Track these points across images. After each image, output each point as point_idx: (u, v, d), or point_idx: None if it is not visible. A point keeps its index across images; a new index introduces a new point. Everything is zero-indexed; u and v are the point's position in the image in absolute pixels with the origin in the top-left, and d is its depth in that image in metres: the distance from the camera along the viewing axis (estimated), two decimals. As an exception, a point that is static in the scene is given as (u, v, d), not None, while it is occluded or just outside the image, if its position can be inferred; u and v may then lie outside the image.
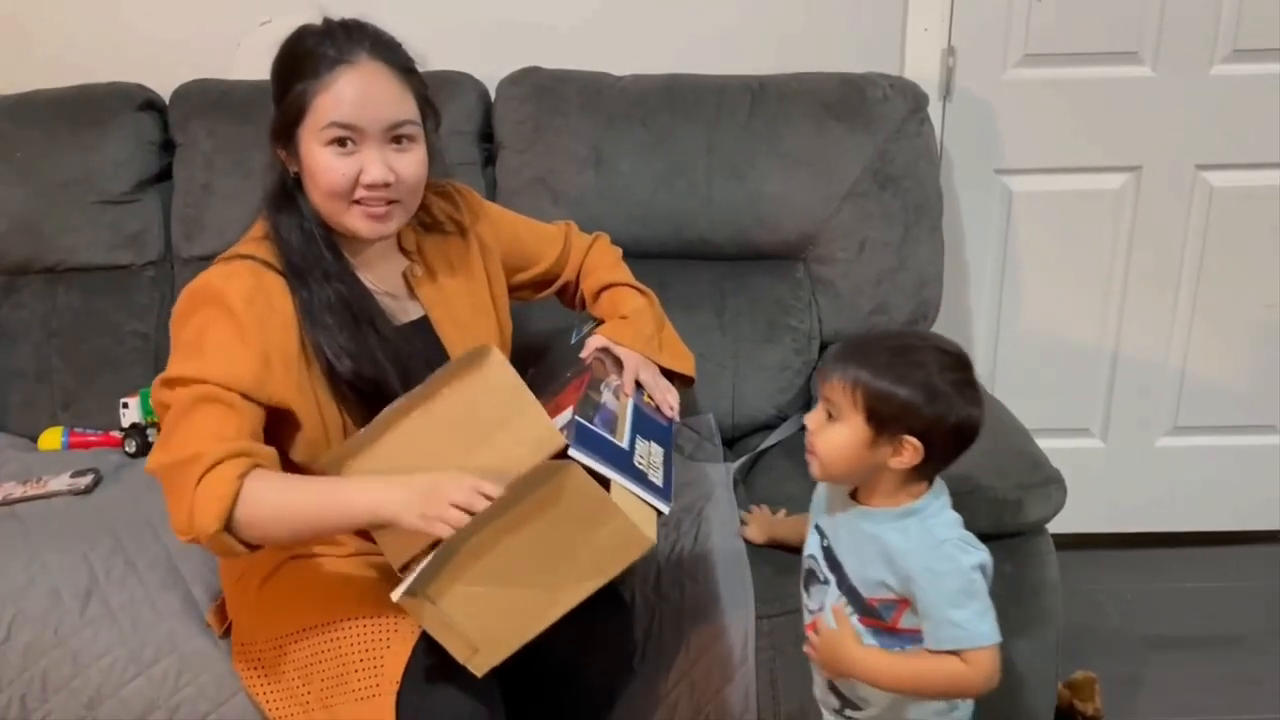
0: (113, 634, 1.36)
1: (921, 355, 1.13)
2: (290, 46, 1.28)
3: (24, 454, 1.77)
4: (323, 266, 1.28)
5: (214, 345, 1.19)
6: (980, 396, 1.15)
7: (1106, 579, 2.19)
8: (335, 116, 1.22)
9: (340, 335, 1.25)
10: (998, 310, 2.19)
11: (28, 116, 1.85)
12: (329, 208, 1.27)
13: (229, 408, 1.17)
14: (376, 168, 1.24)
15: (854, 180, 1.83)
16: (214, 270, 1.26)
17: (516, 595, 1.09)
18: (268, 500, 1.13)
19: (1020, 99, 2.05)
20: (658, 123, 1.84)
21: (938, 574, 1.12)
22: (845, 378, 1.14)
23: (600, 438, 1.17)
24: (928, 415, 1.11)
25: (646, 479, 1.17)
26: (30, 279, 1.85)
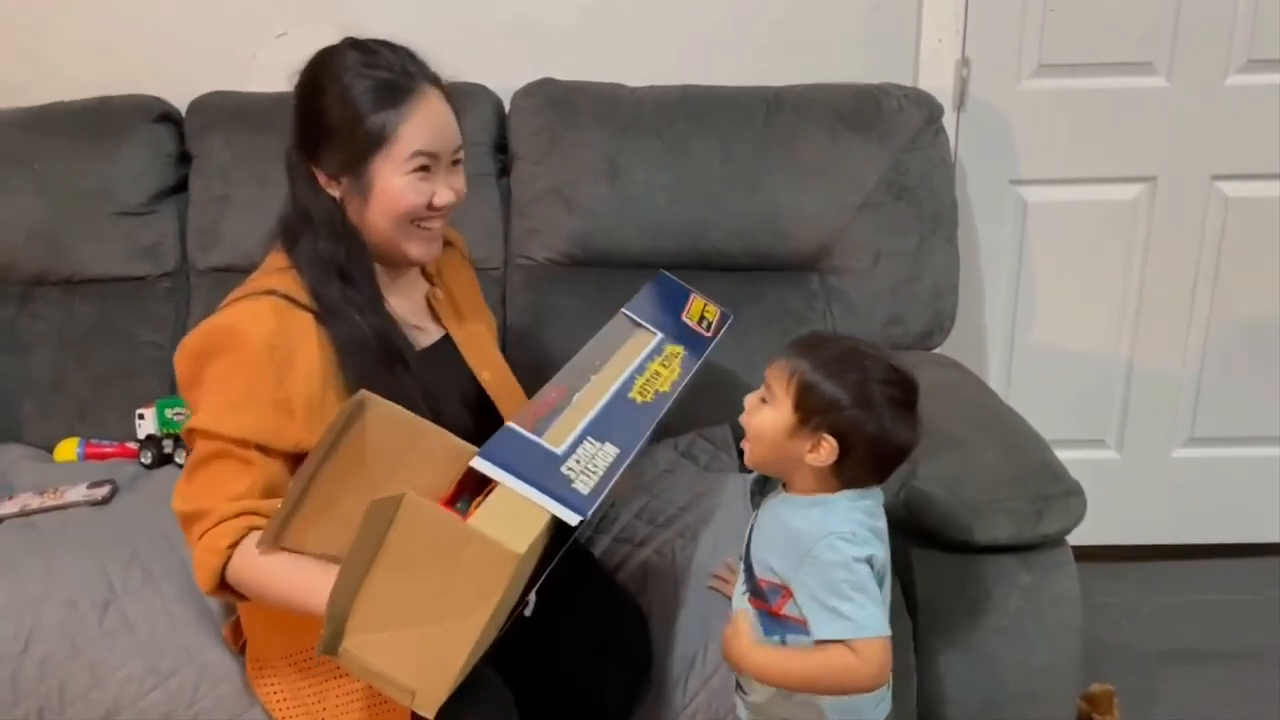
0: (130, 645, 1.36)
1: (867, 363, 1.13)
2: (337, 72, 1.25)
3: (40, 465, 1.77)
4: (358, 300, 1.26)
5: (232, 398, 1.19)
6: (915, 422, 1.14)
7: (1122, 591, 2.18)
8: (421, 145, 1.24)
9: (376, 373, 1.23)
10: (1012, 321, 2.18)
11: (46, 128, 1.86)
12: (395, 233, 1.27)
13: (244, 464, 1.18)
14: (448, 191, 1.28)
15: (869, 191, 1.83)
16: (239, 309, 1.23)
17: (422, 633, 1.06)
18: (255, 572, 1.15)
19: (1034, 109, 2.05)
20: (672, 134, 1.84)
21: (821, 563, 1.11)
22: (787, 363, 1.15)
23: (524, 443, 1.13)
24: (849, 417, 1.11)
25: (564, 487, 1.11)
26: (47, 290, 1.86)
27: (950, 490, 1.39)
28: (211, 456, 1.19)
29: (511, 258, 1.90)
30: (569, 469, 1.12)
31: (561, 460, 1.12)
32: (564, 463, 1.12)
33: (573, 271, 1.89)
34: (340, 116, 1.24)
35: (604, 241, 1.87)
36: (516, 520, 1.05)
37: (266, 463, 1.19)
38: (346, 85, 1.24)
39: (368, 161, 1.24)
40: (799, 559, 1.13)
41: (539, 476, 1.09)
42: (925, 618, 1.41)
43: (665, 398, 1.32)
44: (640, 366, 1.34)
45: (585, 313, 1.85)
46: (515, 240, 1.90)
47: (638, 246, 1.86)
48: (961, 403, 1.61)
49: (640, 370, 1.34)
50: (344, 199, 1.27)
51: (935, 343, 1.92)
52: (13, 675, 1.34)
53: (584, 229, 1.87)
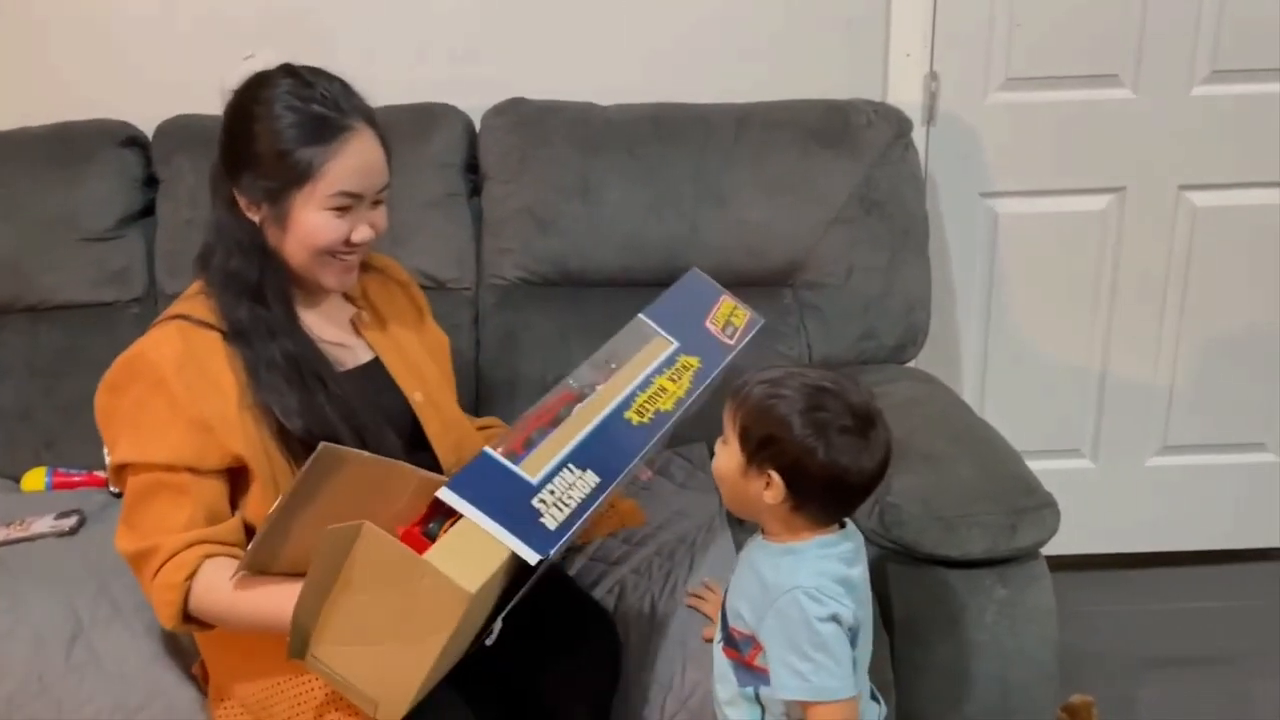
0: (98, 681, 1.33)
1: (809, 392, 1.08)
2: (269, 101, 1.24)
3: (6, 495, 1.74)
4: (269, 324, 1.26)
5: (150, 425, 1.19)
6: (867, 447, 1.08)
7: (1099, 600, 2.18)
8: (345, 186, 1.24)
9: (289, 394, 1.24)
10: (985, 333, 2.19)
11: (9, 153, 1.84)
12: (310, 263, 1.28)
13: (179, 492, 1.18)
14: (366, 228, 1.28)
15: (840, 206, 1.84)
16: (146, 338, 1.25)
17: (384, 650, 1.07)
18: (215, 600, 1.15)
19: (1003, 122, 2.06)
20: (644, 152, 1.84)
21: (784, 618, 1.09)
22: (731, 401, 1.13)
23: (498, 472, 1.11)
24: (790, 450, 1.07)
25: (530, 523, 1.09)
26: (13, 317, 1.83)
27: (924, 505, 1.39)
28: (146, 491, 1.19)
29: (484, 278, 1.89)
30: (540, 501, 1.10)
31: (534, 491, 1.10)
32: (537, 494, 1.10)
33: (546, 291, 1.88)
34: (267, 146, 1.23)
35: (577, 261, 1.87)
36: (476, 554, 1.04)
37: (200, 484, 1.19)
38: (277, 115, 1.24)
39: (289, 194, 1.24)
40: (764, 610, 1.10)
41: (505, 510, 1.07)
42: (901, 633, 1.41)
43: (666, 417, 1.29)
44: (646, 381, 1.30)
45: (558, 332, 1.85)
46: (487, 260, 1.90)
47: (611, 265, 1.86)
48: (935, 417, 1.61)
49: (645, 385, 1.30)
50: (263, 223, 1.27)
51: (908, 356, 1.92)
52: (-22, 713, 1.32)
53: (556, 248, 1.86)
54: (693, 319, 1.41)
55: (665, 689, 1.35)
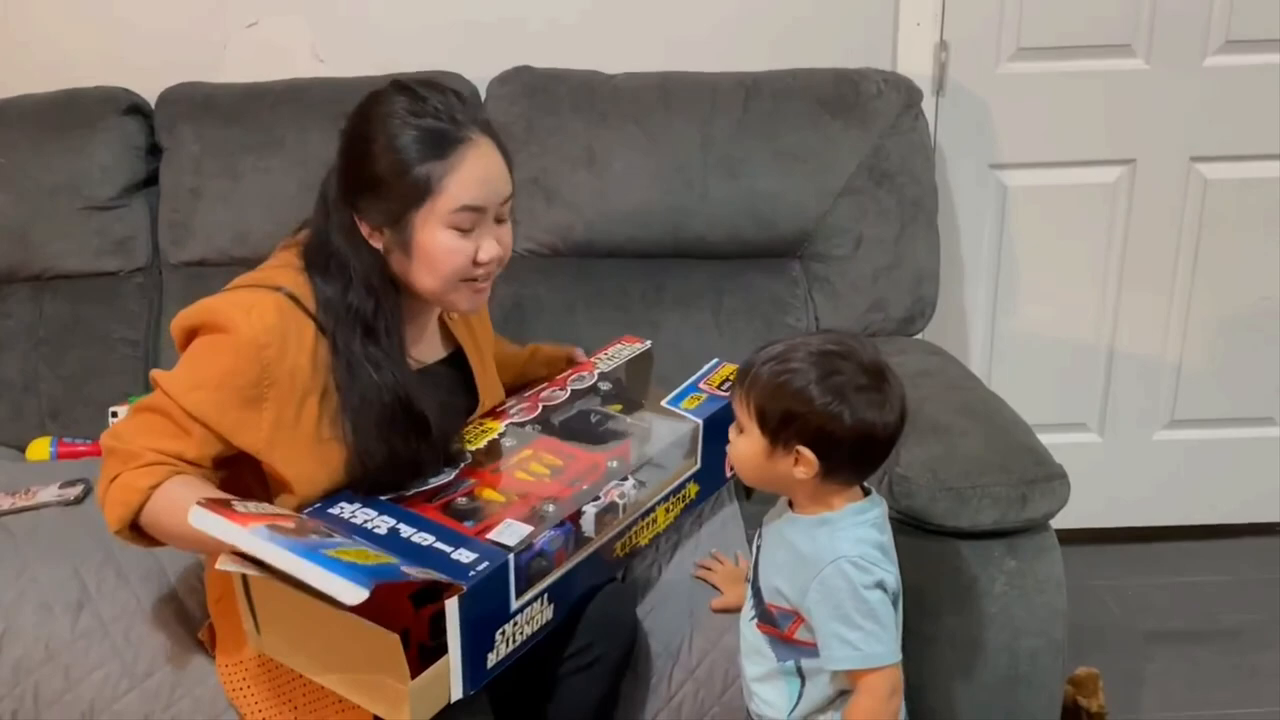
0: (105, 647, 1.33)
1: (814, 359, 1.08)
2: (383, 117, 1.18)
3: (12, 465, 1.73)
4: (377, 356, 1.21)
5: (200, 375, 1.17)
6: (885, 401, 1.08)
7: (1106, 574, 2.18)
8: (467, 200, 1.17)
9: (372, 436, 1.20)
10: (993, 305, 2.18)
11: (11, 121, 1.82)
12: (439, 289, 1.22)
13: (183, 432, 1.16)
14: (493, 246, 1.22)
15: (849, 176, 1.82)
16: (240, 296, 1.20)
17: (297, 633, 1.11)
18: (171, 511, 1.12)
19: (1014, 93, 2.04)
20: (651, 121, 1.82)
21: (831, 589, 1.09)
22: (739, 389, 1.12)
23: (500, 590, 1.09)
24: (814, 422, 1.07)
25: (480, 656, 1.09)
26: (16, 287, 1.82)
27: (934, 476, 1.38)
28: (156, 409, 1.17)
29: (489, 249, 1.88)
30: (502, 632, 1.10)
31: (505, 620, 1.10)
32: (505, 623, 1.10)
33: (552, 262, 1.87)
34: (386, 167, 1.17)
35: (584, 231, 1.85)
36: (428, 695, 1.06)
37: (206, 441, 1.16)
38: (393, 134, 1.17)
39: (410, 214, 1.18)
40: (807, 583, 1.10)
41: (472, 638, 1.06)
42: (910, 604, 1.39)
43: (635, 552, 1.32)
44: (649, 510, 1.32)
45: (565, 304, 1.84)
46: (493, 231, 1.88)
47: (618, 235, 1.84)
48: (944, 388, 1.60)
49: (646, 514, 1.31)
50: (387, 252, 1.21)
51: (917, 329, 1.91)
52: (-14, 678, 1.31)
53: (563, 219, 1.85)
54: (724, 438, 1.33)
55: (673, 659, 1.35)
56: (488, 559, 1.08)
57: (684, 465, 1.37)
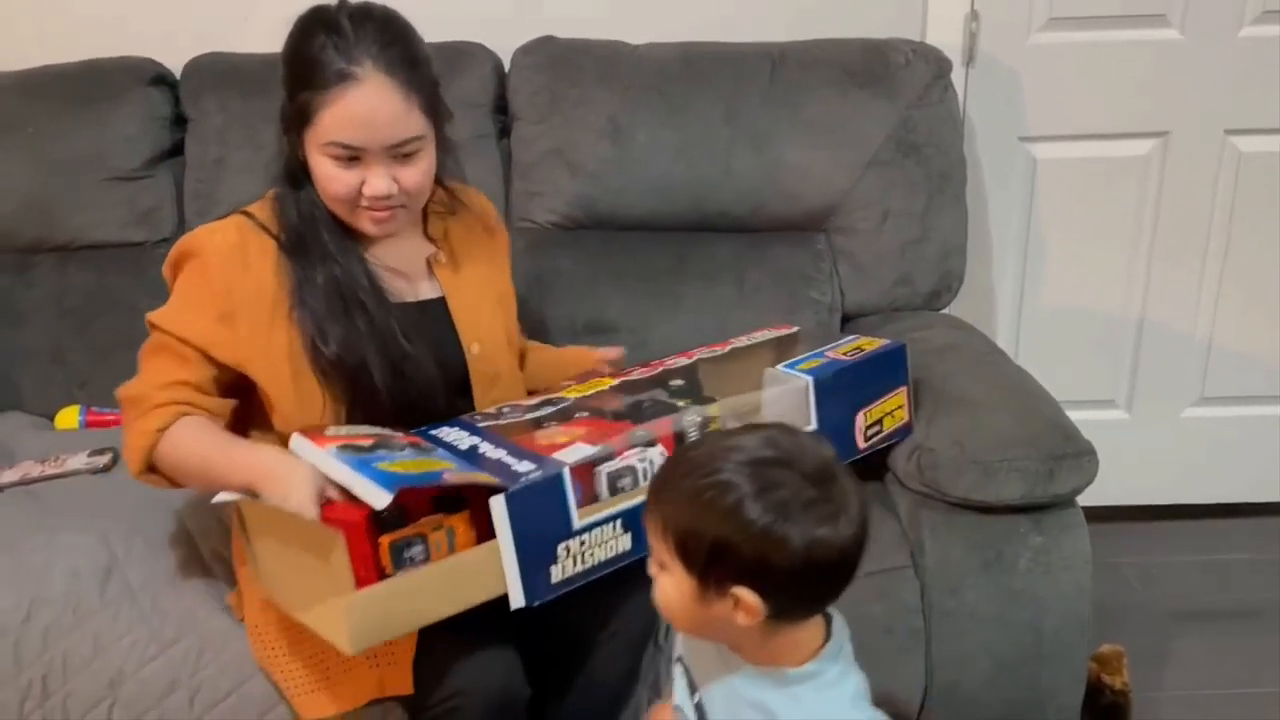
0: (133, 613, 1.35)
1: (741, 472, 0.86)
2: (299, 38, 1.24)
3: (41, 433, 1.75)
4: (320, 247, 1.28)
5: (182, 299, 1.28)
6: (834, 513, 0.86)
7: (1131, 551, 2.16)
8: (337, 137, 1.21)
9: (327, 317, 1.26)
10: (1021, 280, 2.15)
11: (38, 93, 1.82)
12: (334, 208, 1.28)
13: (182, 360, 1.25)
14: (380, 181, 1.24)
15: (876, 149, 1.80)
16: (209, 225, 1.31)
17: (291, 575, 1.15)
18: (178, 450, 1.21)
19: (1045, 64, 2.01)
20: (676, 92, 1.80)
21: None
22: (652, 514, 0.90)
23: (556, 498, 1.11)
24: (752, 553, 0.84)
25: (541, 567, 1.10)
26: (42, 258, 1.83)
27: (961, 449, 1.37)
28: (155, 349, 1.27)
29: (513, 221, 1.87)
30: (565, 547, 1.11)
31: (567, 536, 1.11)
32: (568, 539, 1.11)
33: (575, 234, 1.86)
34: (288, 85, 1.25)
35: (607, 203, 1.84)
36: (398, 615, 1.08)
37: (203, 365, 1.25)
38: (299, 57, 1.23)
39: (300, 135, 1.24)
40: None
41: (529, 543, 1.08)
42: (934, 580, 1.40)
43: None
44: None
45: (589, 276, 1.84)
46: (516, 203, 1.87)
47: (641, 208, 1.83)
48: (971, 363, 1.58)
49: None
50: (303, 158, 1.27)
51: (943, 303, 1.89)
52: (15, 645, 1.33)
53: (586, 191, 1.84)
54: (853, 402, 1.34)
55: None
56: (542, 469, 1.11)
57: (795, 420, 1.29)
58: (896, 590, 1.39)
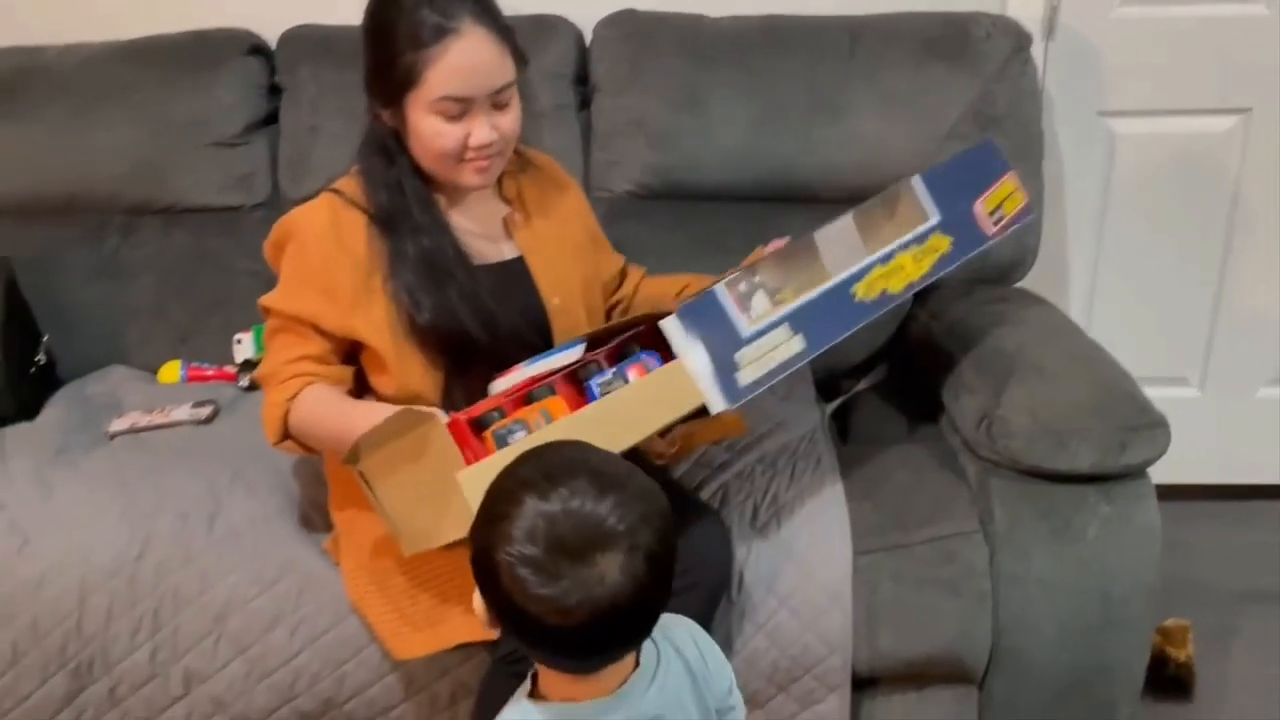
0: (238, 554, 1.43)
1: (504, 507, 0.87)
2: (385, 6, 1.30)
3: (146, 385, 1.85)
4: (411, 219, 1.34)
5: (290, 280, 1.37)
6: (567, 589, 0.83)
7: (1200, 530, 2.15)
8: (448, 90, 1.27)
9: (419, 288, 1.33)
10: (1095, 256, 2.15)
11: (145, 59, 1.90)
12: (437, 166, 1.34)
13: (298, 336, 1.35)
14: (484, 130, 1.30)
15: (955, 121, 1.81)
16: (302, 206, 1.39)
17: (413, 502, 1.19)
18: (305, 418, 1.31)
19: (1125, 39, 1.99)
20: (756, 64, 1.83)
21: None
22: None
23: (718, 315, 1.20)
24: (483, 581, 0.88)
25: (729, 372, 1.18)
26: (148, 219, 1.91)
27: (1034, 418, 1.40)
28: (276, 329, 1.37)
29: (591, 189, 1.91)
30: (743, 354, 1.20)
31: (742, 344, 1.20)
32: (743, 347, 1.20)
33: (653, 204, 1.89)
34: (382, 54, 1.29)
35: (684, 174, 1.88)
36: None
37: (319, 339, 1.34)
38: (390, 22, 1.28)
39: (402, 100, 1.29)
40: None
41: (708, 354, 1.18)
42: (1003, 545, 1.43)
43: (890, 299, 1.32)
44: (888, 255, 1.33)
45: (665, 243, 1.87)
46: (595, 172, 1.91)
47: (719, 179, 1.86)
48: (1046, 334, 1.60)
49: (886, 259, 1.32)
50: (395, 127, 1.33)
51: (1017, 277, 1.90)
52: (130, 579, 1.42)
53: (664, 161, 1.87)
54: (965, 194, 1.39)
55: (767, 591, 1.40)
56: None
57: (913, 217, 1.36)
58: (965, 554, 1.42)
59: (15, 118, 1.87)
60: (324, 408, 1.31)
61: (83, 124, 1.87)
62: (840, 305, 1.28)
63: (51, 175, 1.88)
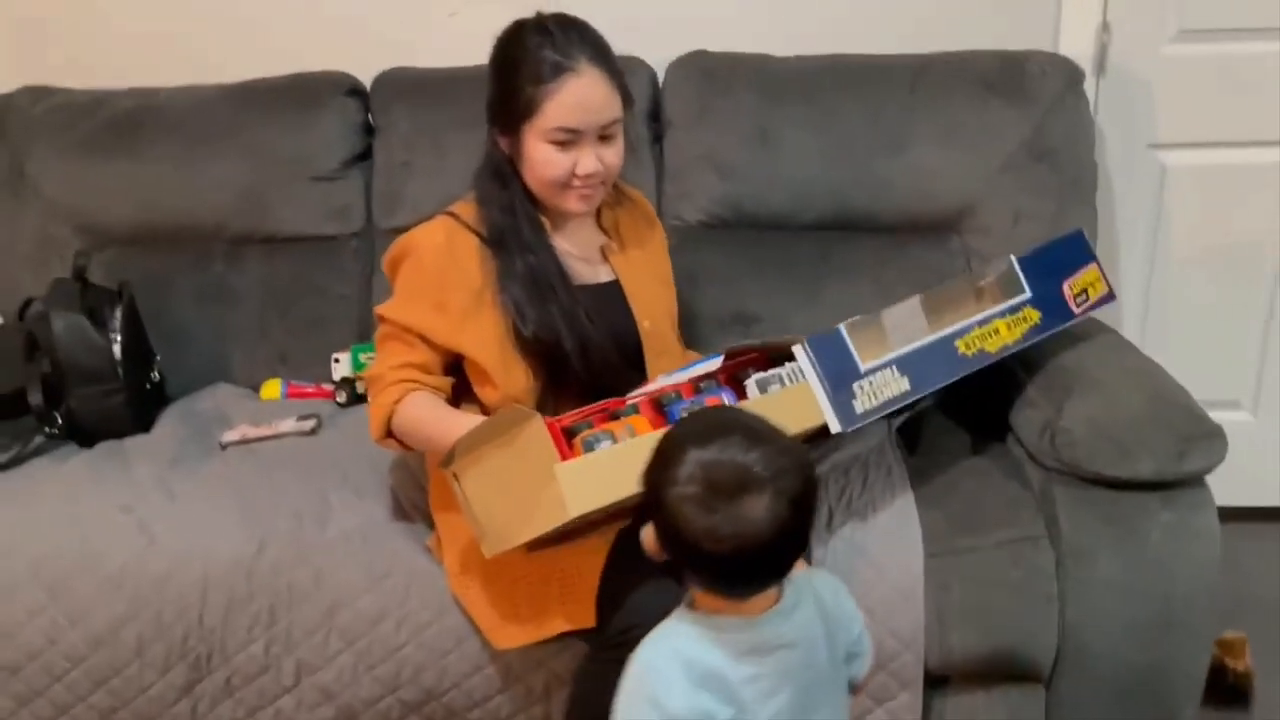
0: (348, 552, 1.53)
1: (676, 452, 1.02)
2: (512, 45, 1.44)
3: (250, 402, 1.97)
4: (520, 239, 1.47)
5: (403, 293, 1.48)
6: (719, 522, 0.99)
7: (1257, 550, 2.20)
8: (562, 122, 1.40)
9: (525, 302, 1.45)
10: (1147, 285, 2.22)
11: (252, 101, 2.05)
12: (545, 192, 1.47)
13: (407, 345, 1.46)
14: (590, 161, 1.44)
15: (1010, 154, 1.90)
16: (420, 227, 1.51)
17: (503, 501, 1.28)
18: (407, 421, 1.42)
19: (1174, 74, 2.08)
20: (821, 100, 1.94)
21: (626, 679, 1.07)
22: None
23: (841, 349, 1.35)
24: (653, 510, 1.04)
25: (847, 399, 1.33)
26: (252, 247, 2.05)
27: (1096, 428, 1.47)
28: (386, 336, 1.48)
29: (665, 219, 2.01)
30: (860, 385, 1.35)
31: (859, 376, 1.35)
32: (859, 379, 1.35)
33: (723, 233, 2.00)
34: (506, 86, 1.43)
35: (753, 204, 1.98)
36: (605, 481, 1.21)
37: (425, 349, 1.45)
38: (516, 60, 1.43)
39: (519, 127, 1.43)
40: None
41: (831, 380, 1.33)
42: (1068, 549, 1.50)
43: (986, 357, 1.48)
44: (986, 319, 1.49)
45: (734, 270, 1.98)
46: (668, 204, 2.02)
47: (785, 208, 1.97)
48: (1104, 351, 1.67)
49: (984, 322, 1.49)
50: (511, 155, 1.46)
51: (1072, 303, 1.98)
52: (249, 574, 1.53)
53: (734, 191, 1.98)
54: (1055, 275, 1.56)
55: (843, 588, 1.48)
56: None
57: (1007, 290, 1.52)
58: (1032, 557, 1.49)
59: (132, 154, 2.03)
60: (425, 413, 1.43)
61: (194, 159, 2.02)
62: (943, 356, 1.44)
63: (164, 207, 2.03)
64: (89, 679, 1.55)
